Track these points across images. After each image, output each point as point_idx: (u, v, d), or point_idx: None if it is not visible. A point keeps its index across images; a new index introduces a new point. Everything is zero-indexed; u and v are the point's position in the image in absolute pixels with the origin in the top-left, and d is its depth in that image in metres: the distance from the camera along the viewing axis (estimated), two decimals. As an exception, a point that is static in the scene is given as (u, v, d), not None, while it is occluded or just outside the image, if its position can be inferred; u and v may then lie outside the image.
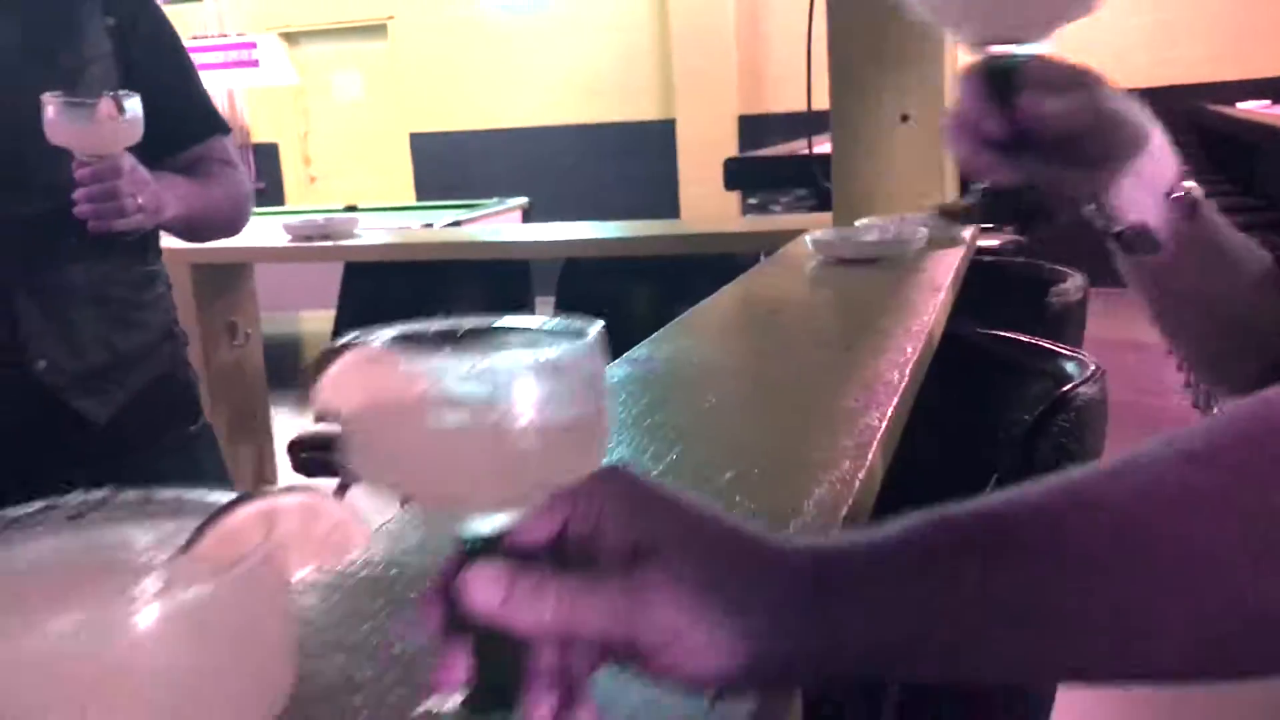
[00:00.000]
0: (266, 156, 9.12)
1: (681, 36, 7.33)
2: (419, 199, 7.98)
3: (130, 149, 1.45)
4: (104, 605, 0.33)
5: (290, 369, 3.65)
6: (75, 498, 0.39)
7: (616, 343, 1.43)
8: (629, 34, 7.49)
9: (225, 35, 8.25)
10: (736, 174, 4.25)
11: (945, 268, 1.63)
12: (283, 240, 2.75)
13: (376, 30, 8.51)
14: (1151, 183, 0.72)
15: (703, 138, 7.18)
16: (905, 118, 2.14)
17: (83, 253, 1.47)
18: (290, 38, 8.66)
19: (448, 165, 8.35)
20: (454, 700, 0.46)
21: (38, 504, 0.38)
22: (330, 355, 0.44)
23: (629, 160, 7.74)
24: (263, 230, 2.77)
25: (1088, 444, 1.25)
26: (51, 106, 1.37)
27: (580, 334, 0.47)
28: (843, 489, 0.80)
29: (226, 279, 2.74)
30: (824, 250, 1.76)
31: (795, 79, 2.80)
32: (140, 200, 1.42)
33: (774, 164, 4.19)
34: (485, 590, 0.42)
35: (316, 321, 3.20)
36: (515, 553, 0.44)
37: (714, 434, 0.98)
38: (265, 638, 0.35)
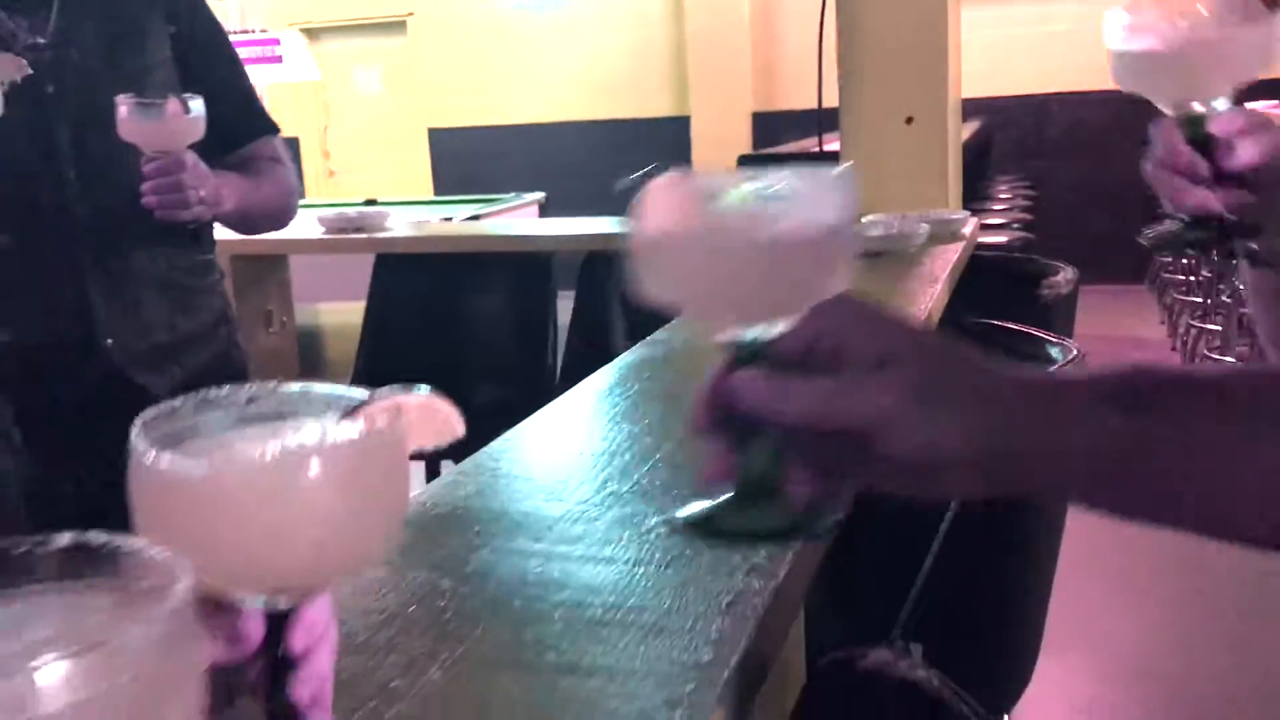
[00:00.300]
0: (287, 150, 9.27)
1: (696, 34, 7.44)
2: (436, 193, 8.11)
3: (190, 146, 1.58)
4: (292, 443, 0.46)
5: (317, 358, 3.78)
6: (249, 388, 0.52)
7: (635, 332, 1.54)
8: (645, 31, 7.60)
9: (249, 31, 8.39)
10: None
11: (943, 262, 1.75)
12: (317, 232, 2.89)
13: (396, 26, 8.63)
14: None
15: (717, 134, 7.29)
16: (909, 120, 2.26)
17: (148, 241, 1.61)
18: (311, 33, 8.79)
19: (465, 160, 8.48)
20: (723, 495, 0.57)
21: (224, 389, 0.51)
22: (643, 180, 0.56)
23: (644, 156, 7.85)
24: (293, 223, 2.88)
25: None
26: (124, 107, 1.50)
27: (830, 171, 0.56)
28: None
29: (263, 269, 2.88)
30: (832, 245, 1.88)
31: (808, 77, 2.92)
32: (202, 193, 1.56)
33: (786, 161, 4.31)
34: (752, 390, 0.51)
35: (341, 314, 3.32)
36: (776, 360, 0.53)
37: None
38: (396, 485, 0.49)
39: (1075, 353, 1.38)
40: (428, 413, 0.53)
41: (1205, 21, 0.83)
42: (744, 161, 4.41)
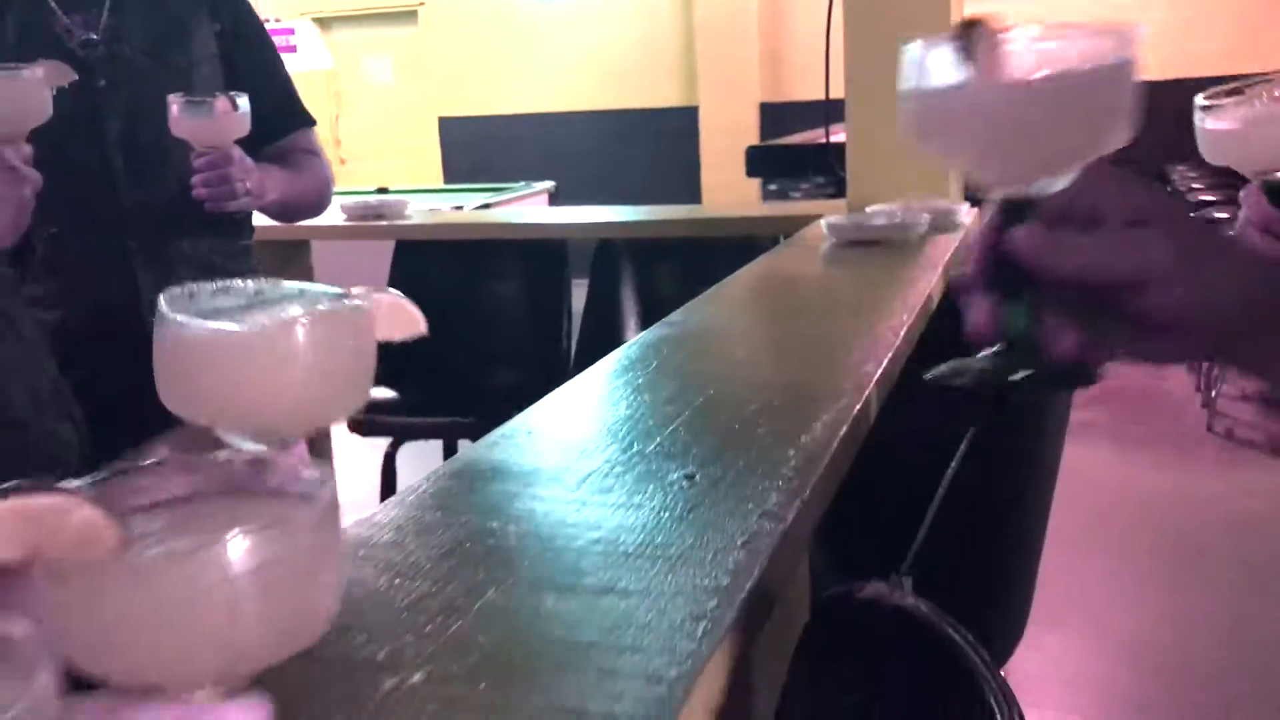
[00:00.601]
0: (298, 138, 9.38)
1: (705, 25, 7.51)
2: (446, 182, 8.21)
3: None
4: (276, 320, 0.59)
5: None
6: (257, 283, 0.65)
7: (648, 318, 1.64)
8: (654, 22, 7.67)
9: (265, 20, 8.48)
10: (758, 161, 4.45)
11: (943, 249, 1.84)
12: (339, 219, 2.98)
13: (407, 16, 8.72)
14: None
15: (725, 124, 7.37)
16: (913, 113, 2.34)
17: (192, 228, 1.71)
18: (323, 22, 8.88)
19: (474, 149, 8.57)
20: (986, 352, 0.62)
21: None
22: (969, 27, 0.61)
23: (652, 146, 7.94)
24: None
25: (1059, 399, 1.47)
26: (175, 105, 1.60)
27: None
28: (843, 416, 1.02)
29: (288, 255, 2.98)
30: (838, 233, 1.98)
31: (816, 68, 3.00)
32: (248, 185, 1.66)
33: (794, 152, 4.39)
34: (1028, 244, 0.54)
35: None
36: (1047, 216, 0.57)
37: (740, 378, 1.21)
38: (363, 353, 0.62)
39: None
40: (395, 309, 0.65)
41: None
42: (752, 152, 4.50)
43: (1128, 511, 3.64)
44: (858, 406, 1.04)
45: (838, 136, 3.09)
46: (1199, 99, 1.01)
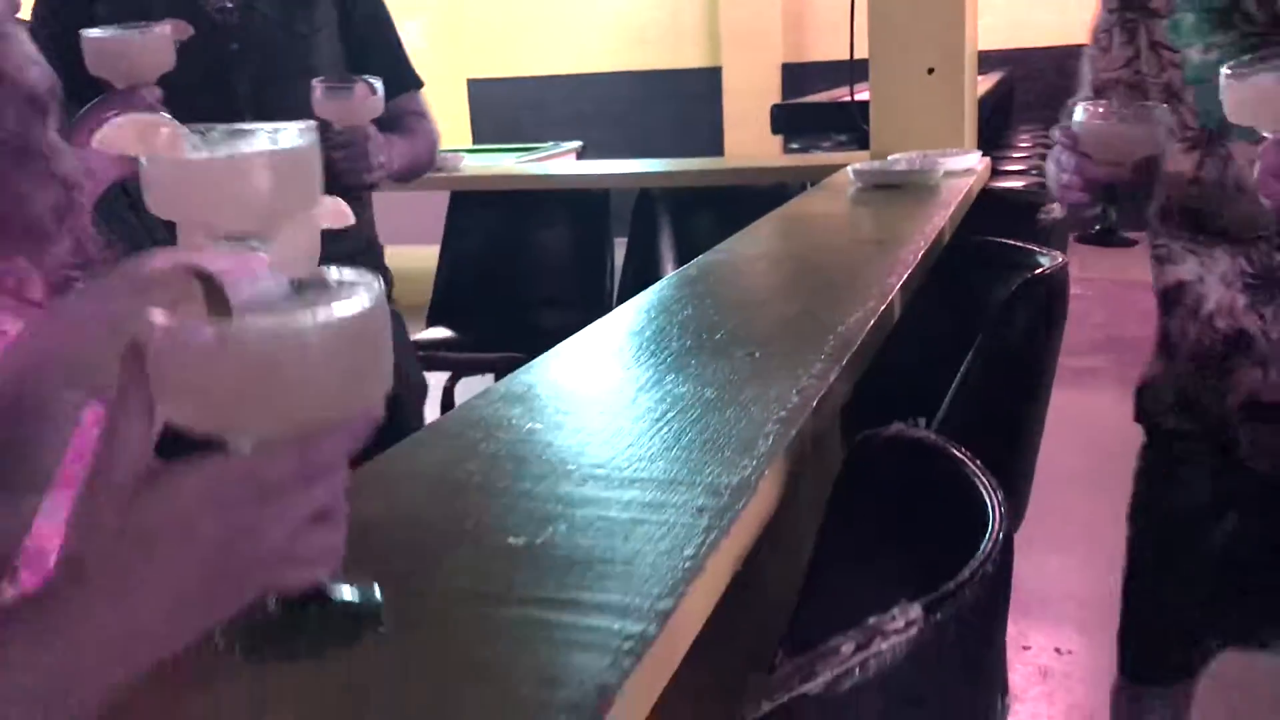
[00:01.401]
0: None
1: (728, -13, 7.68)
2: (475, 143, 8.42)
3: None
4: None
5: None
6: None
7: (684, 262, 1.86)
8: (678, -16, 7.82)
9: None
10: (782, 119, 4.64)
11: (956, 191, 2.08)
12: (396, 174, 3.23)
13: (440, -19, 8.88)
14: None
15: (748, 85, 7.54)
16: (931, 70, 2.57)
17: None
18: (355, -13, 9.07)
19: (502, 109, 8.76)
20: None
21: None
22: None
23: (676, 106, 8.12)
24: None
25: (1054, 312, 1.71)
26: (319, 89, 1.71)
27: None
28: (870, 313, 1.26)
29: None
30: (863, 178, 2.21)
31: (836, 29, 3.21)
32: (381, 159, 1.76)
33: (818, 110, 4.59)
34: None
35: (411, 259, 3.67)
36: None
37: (782, 289, 1.45)
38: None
39: (1060, 259, 1.71)
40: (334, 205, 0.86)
41: None
42: (776, 110, 4.70)
43: (1131, 451, 3.86)
44: (882, 307, 1.29)
45: (861, 95, 3.31)
46: (1224, 69, 1.10)
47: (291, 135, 0.78)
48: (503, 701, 0.57)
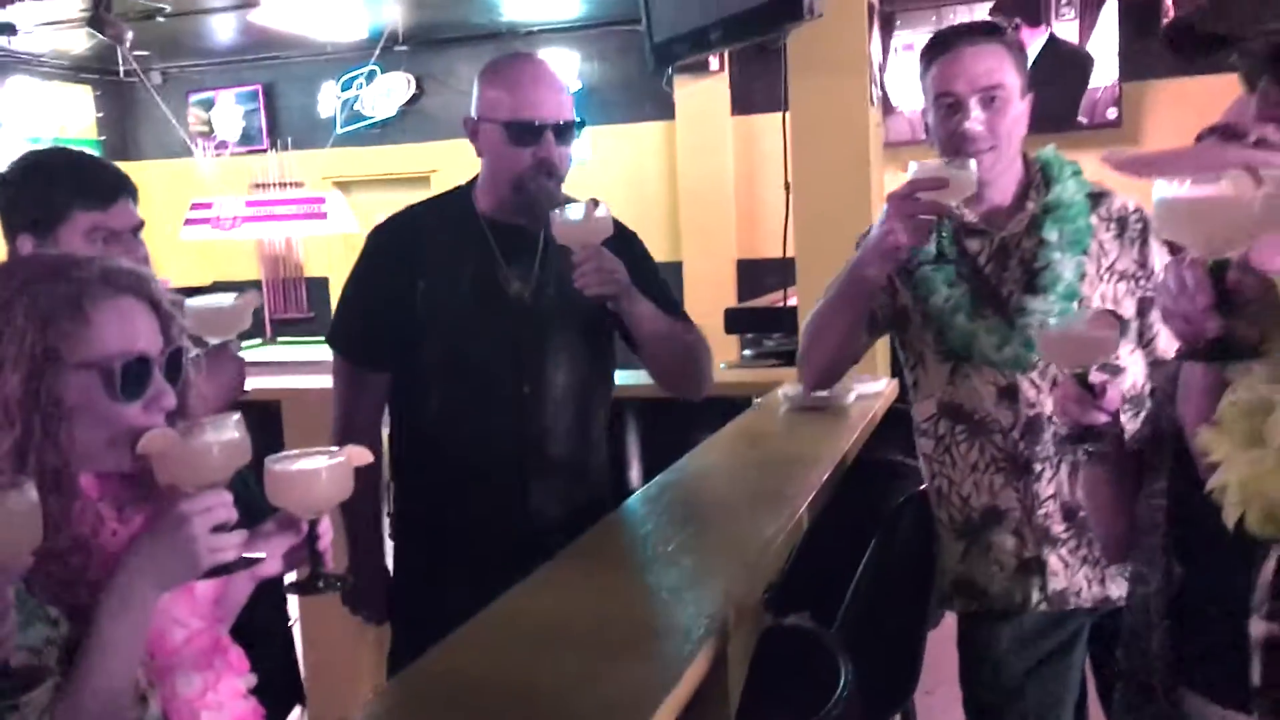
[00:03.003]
0: (317, 289, 10.23)
1: (687, 191, 8.49)
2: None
3: None
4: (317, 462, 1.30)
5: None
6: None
7: (650, 465, 2.38)
8: (643, 189, 8.59)
9: (301, 184, 9.46)
10: (734, 320, 5.27)
11: (864, 414, 2.62)
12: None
13: (421, 180, 9.64)
14: None
15: (706, 278, 8.24)
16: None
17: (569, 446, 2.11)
18: (343, 185, 9.84)
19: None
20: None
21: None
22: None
23: (642, 296, 8.78)
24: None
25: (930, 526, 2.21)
26: (556, 215, 1.91)
27: None
28: (782, 528, 1.76)
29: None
30: (790, 402, 2.75)
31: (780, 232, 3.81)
32: (616, 274, 1.90)
33: (761, 313, 5.24)
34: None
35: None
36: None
37: (721, 506, 1.95)
38: (343, 479, 1.41)
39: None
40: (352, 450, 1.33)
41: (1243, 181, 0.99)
42: (729, 313, 5.32)
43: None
44: (790, 525, 1.79)
45: (793, 300, 3.90)
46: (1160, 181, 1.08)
47: (229, 425, 1.23)
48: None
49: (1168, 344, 1.86)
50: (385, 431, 2.21)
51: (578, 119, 2.10)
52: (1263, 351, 1.02)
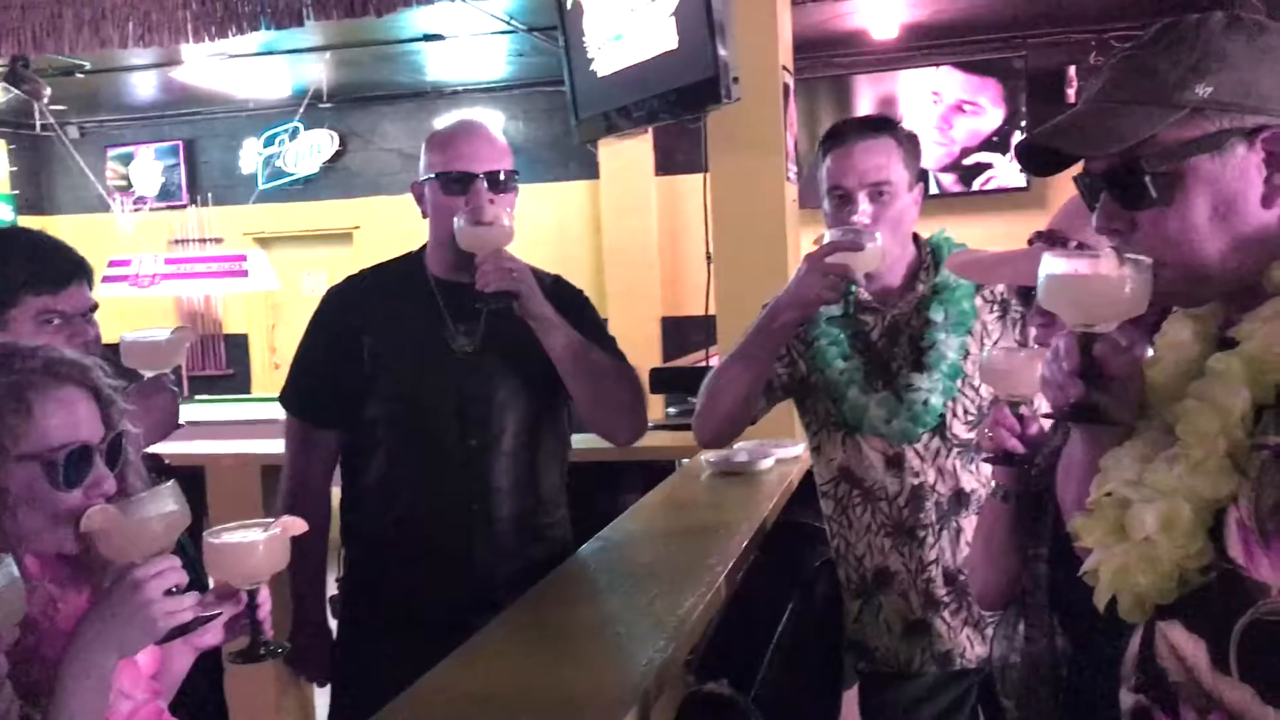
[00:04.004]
0: (236, 346, 10.12)
1: (612, 250, 8.63)
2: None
3: None
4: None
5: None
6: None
7: (581, 529, 2.45)
8: (568, 247, 8.69)
9: (221, 240, 9.37)
10: (659, 380, 5.37)
11: (782, 479, 2.72)
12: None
13: (343, 237, 9.64)
14: None
15: (632, 336, 8.31)
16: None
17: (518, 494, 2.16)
18: (265, 242, 9.78)
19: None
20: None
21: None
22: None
23: (567, 353, 8.86)
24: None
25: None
26: (461, 219, 1.98)
27: None
28: (703, 596, 1.83)
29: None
30: (713, 466, 2.84)
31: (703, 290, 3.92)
32: (514, 271, 1.98)
33: (686, 373, 5.35)
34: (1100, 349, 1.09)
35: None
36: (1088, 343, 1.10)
37: (646, 575, 2.02)
38: (280, 552, 1.73)
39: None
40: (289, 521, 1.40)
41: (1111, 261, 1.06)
42: (654, 372, 5.42)
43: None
44: (710, 594, 1.87)
45: (715, 359, 4.01)
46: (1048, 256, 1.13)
47: (166, 495, 1.30)
48: None
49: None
50: (338, 496, 2.25)
51: (515, 170, 2.15)
52: (1117, 420, 1.11)
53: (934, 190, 7.35)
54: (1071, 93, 7.51)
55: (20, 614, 1.07)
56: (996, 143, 7.56)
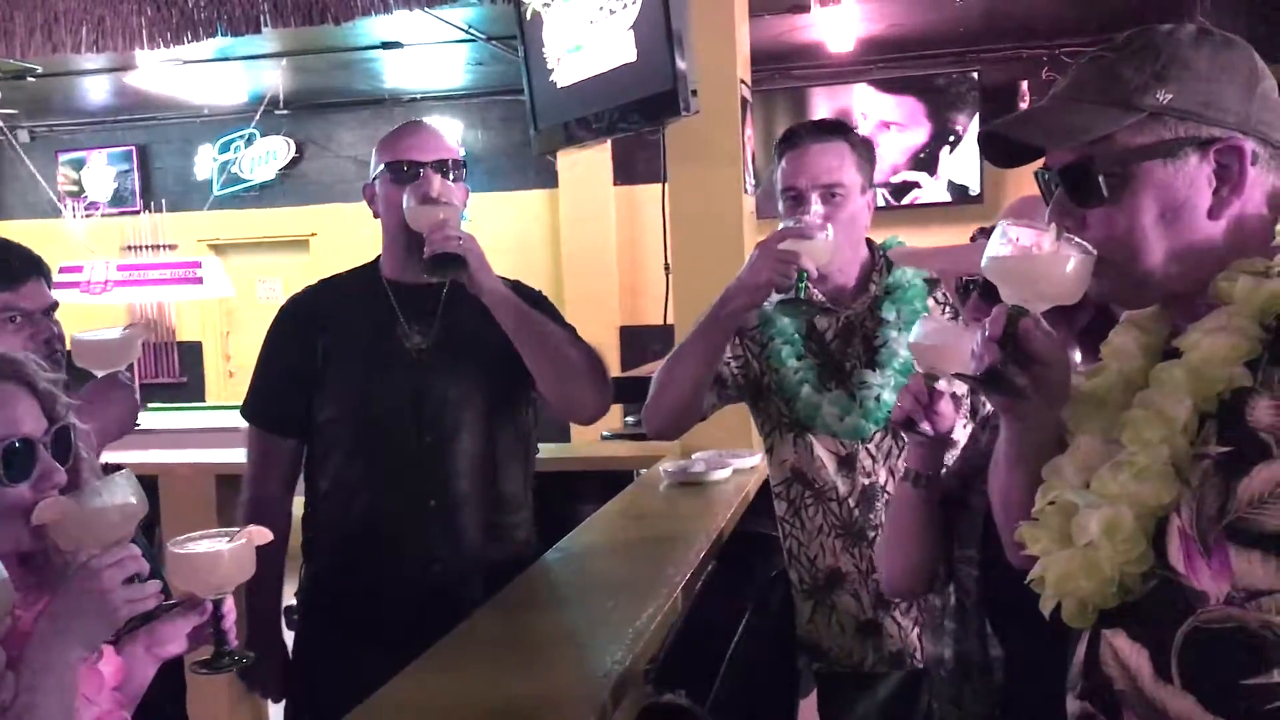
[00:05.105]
0: (190, 354, 9.98)
1: (571, 258, 8.63)
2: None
3: None
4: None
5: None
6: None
7: (548, 533, 2.45)
8: (527, 255, 8.67)
9: (175, 246, 9.25)
10: (618, 389, 5.37)
11: (739, 489, 2.74)
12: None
13: (299, 244, 9.55)
14: None
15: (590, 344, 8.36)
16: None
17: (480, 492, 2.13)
18: (220, 248, 9.67)
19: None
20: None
21: None
22: None
23: (525, 362, 8.84)
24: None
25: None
26: (408, 196, 1.96)
27: None
28: (661, 607, 1.85)
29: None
30: (670, 476, 2.85)
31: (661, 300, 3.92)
32: (460, 239, 1.93)
33: (644, 383, 5.36)
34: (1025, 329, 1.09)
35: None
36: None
37: (604, 584, 2.03)
38: (246, 563, 1.37)
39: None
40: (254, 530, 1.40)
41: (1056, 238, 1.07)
42: (614, 382, 5.42)
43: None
44: (668, 605, 1.88)
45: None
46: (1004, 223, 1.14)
47: (121, 483, 1.30)
48: None
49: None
50: (299, 507, 2.23)
51: (463, 163, 2.15)
52: (1026, 398, 1.11)
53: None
54: (1024, 106, 7.64)
55: (9, 606, 1.06)
56: (924, 159, 7.72)
